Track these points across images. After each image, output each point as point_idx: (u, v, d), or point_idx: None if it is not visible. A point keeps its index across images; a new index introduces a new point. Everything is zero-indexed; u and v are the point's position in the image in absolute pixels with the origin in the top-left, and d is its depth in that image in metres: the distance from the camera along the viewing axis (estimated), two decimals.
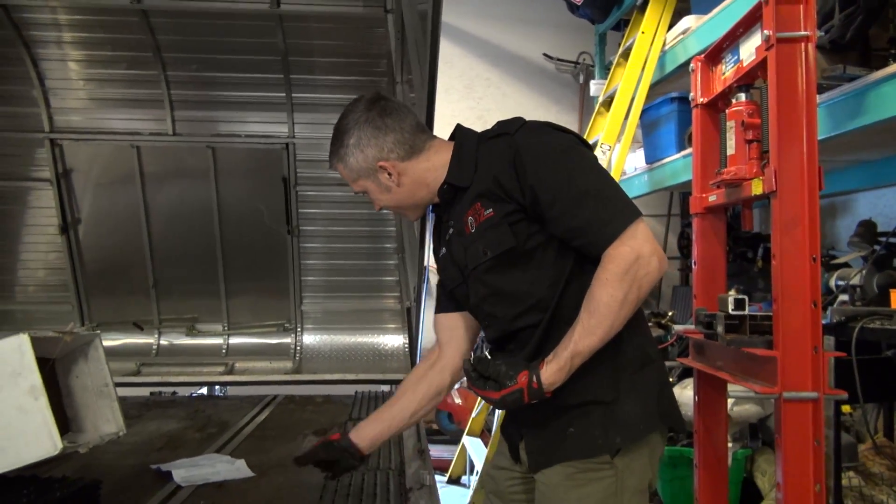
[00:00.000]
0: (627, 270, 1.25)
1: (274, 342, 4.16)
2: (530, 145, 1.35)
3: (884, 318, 2.14)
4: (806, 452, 1.52)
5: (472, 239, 1.42)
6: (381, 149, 1.46)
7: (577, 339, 1.28)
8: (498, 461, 1.64)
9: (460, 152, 1.47)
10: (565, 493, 1.35)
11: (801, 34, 1.55)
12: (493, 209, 1.37)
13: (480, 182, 1.40)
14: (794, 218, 1.58)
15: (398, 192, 1.50)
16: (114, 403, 1.62)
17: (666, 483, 2.71)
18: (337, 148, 1.51)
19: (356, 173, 1.50)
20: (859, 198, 4.15)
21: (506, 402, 1.30)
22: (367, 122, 1.46)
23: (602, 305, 1.27)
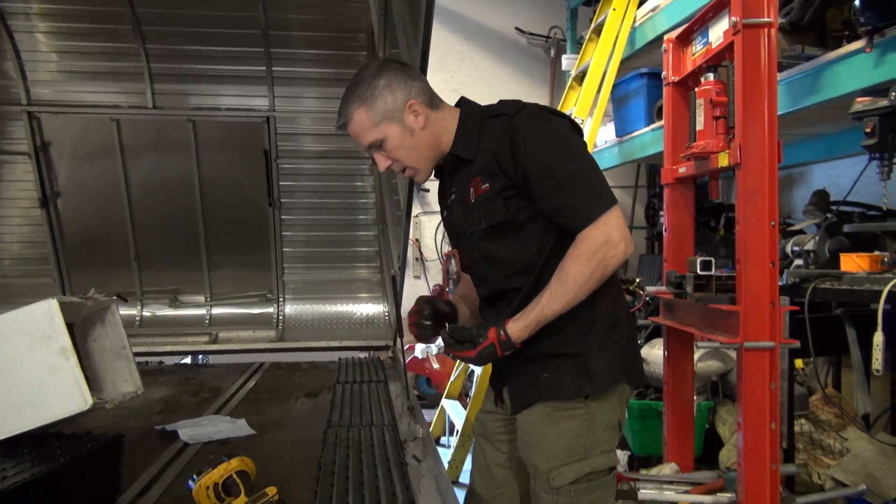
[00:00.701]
0: (596, 251, 1.42)
1: (256, 312, 4.24)
2: (526, 128, 1.48)
3: (834, 279, 2.33)
4: (763, 395, 1.72)
5: (471, 207, 1.55)
6: (410, 91, 1.54)
7: (545, 303, 1.46)
8: (485, 406, 1.83)
9: (465, 124, 1.58)
10: (545, 429, 1.54)
11: (765, 20, 1.70)
12: (490, 184, 1.51)
13: (482, 157, 1.53)
14: (756, 188, 1.76)
15: (421, 136, 1.56)
16: (131, 364, 1.72)
17: (636, 433, 2.92)
18: (362, 91, 1.54)
19: (381, 115, 1.54)
20: (815, 169, 4.38)
21: (482, 357, 1.49)
22: (393, 69, 1.55)
23: (570, 278, 1.44)
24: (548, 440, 1.53)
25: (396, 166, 1.61)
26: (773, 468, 1.75)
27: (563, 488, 1.51)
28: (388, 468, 1.78)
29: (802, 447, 2.62)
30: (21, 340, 1.43)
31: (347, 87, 1.58)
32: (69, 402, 1.45)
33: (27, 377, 1.44)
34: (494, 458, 1.77)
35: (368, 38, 3.69)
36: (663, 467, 2.20)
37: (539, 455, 1.54)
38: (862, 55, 2.30)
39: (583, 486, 1.51)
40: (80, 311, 1.57)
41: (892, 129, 2.10)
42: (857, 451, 2.55)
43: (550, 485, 1.52)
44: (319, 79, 3.90)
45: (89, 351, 1.69)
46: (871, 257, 2.27)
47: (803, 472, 2.56)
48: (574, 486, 1.50)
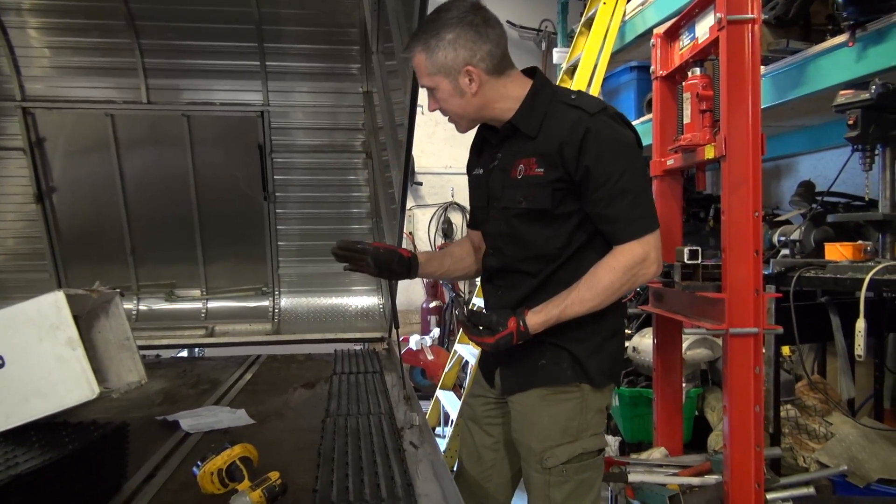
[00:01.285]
0: (632, 266, 1.48)
1: (252, 305, 4.27)
2: (600, 130, 1.49)
3: (818, 268, 2.39)
4: (748, 379, 1.78)
5: (514, 184, 1.57)
6: (474, 54, 1.52)
7: (569, 303, 1.50)
8: (474, 390, 1.89)
9: (534, 100, 1.57)
10: (539, 411, 1.60)
11: (749, 17, 1.75)
12: (545, 171, 1.52)
13: (544, 141, 1.53)
14: (740, 179, 1.81)
15: (471, 101, 1.57)
16: (135, 355, 1.77)
17: (627, 420, 2.99)
18: (428, 37, 1.52)
19: (437, 68, 1.53)
20: (801, 160, 4.45)
21: (499, 345, 1.53)
22: (470, 25, 1.51)
23: (601, 286, 1.49)
24: (542, 421, 1.59)
25: (442, 112, 1.63)
26: (758, 450, 1.82)
27: (555, 468, 1.57)
28: (387, 454, 1.83)
29: (788, 432, 2.69)
30: (29, 332, 1.47)
31: (427, 19, 1.57)
32: (76, 392, 1.49)
33: (35, 367, 1.48)
34: (483, 441, 1.82)
35: (361, 33, 3.72)
36: (653, 451, 2.26)
37: (533, 436, 1.60)
38: (845, 49, 2.36)
39: (574, 465, 1.57)
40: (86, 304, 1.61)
41: (873, 121, 2.15)
42: (841, 436, 2.63)
43: (543, 465, 1.57)
44: (313, 73, 3.92)
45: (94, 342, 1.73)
46: (855, 246, 2.33)
47: (789, 455, 2.63)
48: (566, 466, 1.57)
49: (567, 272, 1.56)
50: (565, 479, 1.57)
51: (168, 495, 1.58)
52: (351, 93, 3.98)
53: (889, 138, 2.17)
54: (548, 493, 1.59)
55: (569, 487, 1.58)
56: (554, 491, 1.59)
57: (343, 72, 3.92)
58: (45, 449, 1.42)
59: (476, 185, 1.73)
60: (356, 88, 3.96)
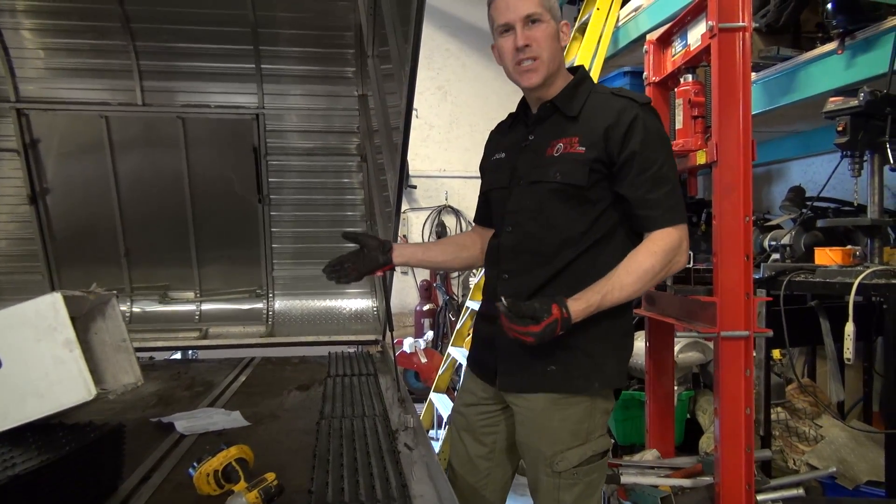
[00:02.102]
0: (672, 250, 1.50)
1: (246, 308, 4.28)
2: (648, 120, 1.54)
3: (808, 272, 2.43)
4: (739, 381, 1.80)
5: (550, 161, 1.59)
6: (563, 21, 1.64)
7: (610, 289, 1.49)
8: (466, 399, 1.85)
9: (577, 87, 1.64)
10: (550, 415, 1.60)
11: (740, 25, 1.78)
12: (587, 149, 1.54)
13: (588, 124, 1.57)
14: (731, 184, 1.84)
15: (559, 53, 1.63)
16: (131, 356, 1.77)
17: (619, 423, 3.01)
18: None
19: (549, 7, 1.61)
20: (792, 165, 4.49)
21: (545, 334, 1.47)
22: None
23: (642, 270, 1.49)
24: (552, 425, 1.59)
25: (529, 51, 1.60)
26: (748, 451, 1.84)
27: (566, 472, 1.57)
28: (381, 456, 1.84)
29: (779, 434, 2.72)
30: (26, 333, 1.47)
31: None
32: (74, 392, 1.50)
33: (33, 368, 1.49)
34: (477, 451, 1.81)
35: (357, 36, 3.74)
36: (645, 453, 2.28)
37: (543, 440, 1.60)
38: (834, 57, 2.40)
39: (584, 468, 1.58)
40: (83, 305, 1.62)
41: (862, 127, 2.19)
42: (830, 438, 2.66)
43: (554, 469, 1.57)
44: (308, 76, 3.94)
45: (90, 344, 1.73)
46: (844, 251, 2.36)
47: (779, 457, 2.66)
48: (577, 469, 1.57)
49: (583, 264, 1.55)
50: (575, 481, 1.58)
51: (164, 496, 1.58)
52: (345, 96, 4.00)
53: (877, 145, 2.21)
54: (557, 496, 1.59)
55: (578, 490, 1.59)
56: (564, 494, 1.59)
57: (338, 75, 3.94)
58: (41, 450, 1.43)
59: (497, 167, 1.73)
60: (351, 92, 3.98)
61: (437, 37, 6.11)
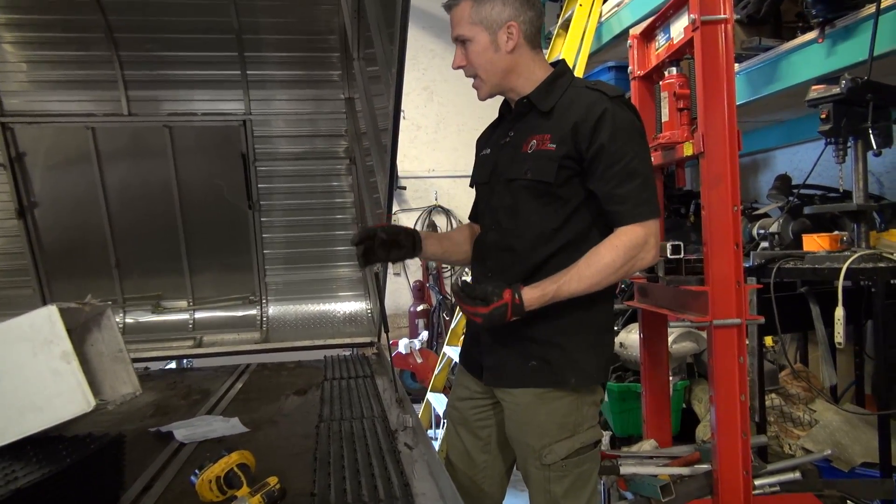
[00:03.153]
0: (634, 247, 1.49)
1: (240, 314, 4.27)
2: (618, 113, 1.52)
3: (797, 259, 2.45)
4: (732, 369, 1.83)
5: (524, 157, 1.59)
6: (519, 14, 1.56)
7: (567, 279, 1.50)
8: (460, 393, 1.88)
9: (554, 83, 1.61)
10: (536, 409, 1.62)
11: (721, 17, 1.80)
12: (557, 146, 1.54)
13: (560, 119, 1.56)
14: (718, 174, 1.86)
15: (503, 58, 1.58)
16: (128, 367, 1.77)
17: (616, 415, 3.03)
18: None
19: (480, 19, 1.55)
20: (778, 154, 4.53)
21: (493, 316, 1.50)
22: None
23: (602, 264, 1.49)
24: (539, 418, 1.61)
25: (468, 71, 1.62)
26: (745, 438, 1.86)
27: (555, 464, 1.59)
28: (382, 456, 1.85)
29: (774, 420, 2.74)
30: (23, 346, 1.47)
31: None
32: (72, 405, 1.50)
33: (30, 382, 1.49)
34: (473, 444, 1.84)
35: (341, 40, 3.75)
36: (643, 444, 2.30)
37: (531, 433, 1.62)
38: (815, 45, 2.43)
39: (573, 460, 1.60)
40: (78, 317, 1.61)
41: (844, 114, 2.21)
42: (825, 422, 2.69)
43: (542, 461, 1.59)
44: (294, 81, 3.95)
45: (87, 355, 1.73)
46: (831, 237, 2.39)
47: (775, 443, 2.69)
48: (565, 462, 1.59)
49: (559, 262, 1.56)
50: (564, 473, 1.60)
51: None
52: (332, 99, 4.00)
53: (860, 131, 2.24)
54: (548, 487, 1.61)
55: (568, 481, 1.61)
56: (554, 486, 1.61)
57: (324, 79, 3.95)
58: (42, 463, 1.43)
59: (482, 164, 1.75)
60: (337, 95, 3.98)
61: (421, 37, 6.12)
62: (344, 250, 4.37)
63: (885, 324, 2.15)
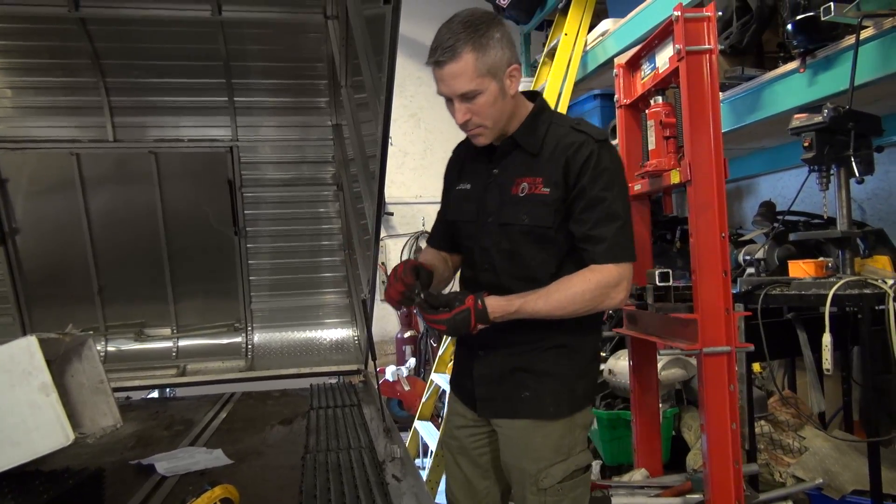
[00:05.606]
0: (605, 286, 1.51)
1: (225, 342, 4.21)
2: (604, 157, 1.53)
3: (783, 285, 2.46)
4: (723, 396, 1.82)
5: (516, 200, 1.58)
6: (514, 54, 1.54)
7: (534, 297, 1.51)
8: (456, 422, 1.87)
9: (536, 121, 1.60)
10: (531, 434, 1.62)
11: (706, 48, 1.83)
12: (551, 190, 1.54)
13: (550, 161, 1.55)
14: (706, 202, 1.87)
15: (509, 103, 1.55)
16: (109, 398, 1.73)
17: (606, 443, 3.00)
18: (478, 37, 1.47)
19: (488, 67, 1.48)
20: (761, 181, 4.59)
21: (455, 322, 1.49)
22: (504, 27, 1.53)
23: (570, 293, 1.51)
24: (534, 443, 1.61)
25: (472, 123, 1.56)
26: (737, 466, 1.85)
27: (551, 488, 1.58)
28: (370, 489, 1.81)
29: (763, 447, 2.73)
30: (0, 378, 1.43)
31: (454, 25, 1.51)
32: (51, 438, 1.46)
33: (7, 415, 1.44)
34: (473, 471, 1.82)
35: (329, 67, 3.77)
36: (634, 473, 2.28)
37: (527, 458, 1.61)
38: (797, 75, 2.47)
39: (569, 483, 1.60)
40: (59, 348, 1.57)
41: (827, 142, 2.25)
42: (814, 449, 2.68)
43: (539, 486, 1.59)
44: (281, 108, 3.95)
45: (67, 387, 1.69)
46: (817, 263, 2.41)
47: (766, 471, 2.67)
48: (561, 485, 1.59)
49: None
50: (560, 498, 1.59)
51: None
52: (319, 126, 4.01)
53: (842, 159, 2.27)
54: None
55: None
56: None
57: (311, 105, 3.96)
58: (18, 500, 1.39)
59: (464, 198, 1.71)
60: (325, 122, 3.99)
61: (408, 65, 6.17)
62: (331, 276, 4.34)
63: (872, 350, 2.16)
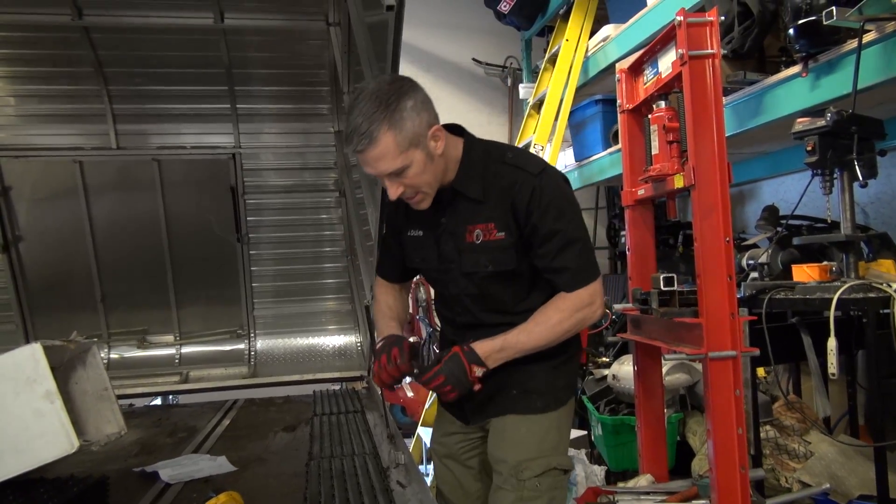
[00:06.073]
0: (580, 309, 1.56)
1: (227, 349, 4.21)
2: (546, 189, 1.52)
3: (787, 289, 2.45)
4: (729, 401, 1.81)
5: (474, 248, 1.58)
6: (431, 113, 1.47)
7: (515, 333, 1.57)
8: (446, 428, 1.89)
9: (469, 163, 1.56)
10: (518, 426, 1.65)
11: (709, 52, 1.83)
12: (505, 234, 1.55)
13: (496, 207, 1.55)
14: (710, 206, 1.87)
15: (439, 163, 1.50)
16: (114, 405, 1.72)
17: (611, 449, 2.99)
18: (391, 113, 1.40)
19: (409, 140, 1.43)
20: (763, 185, 4.59)
21: (450, 368, 1.54)
22: (416, 88, 1.46)
23: (549, 324, 1.56)
24: (519, 435, 1.64)
25: (408, 193, 1.52)
26: (743, 471, 1.84)
27: (530, 480, 1.59)
28: (374, 496, 1.80)
29: (769, 452, 2.72)
30: (5, 386, 1.43)
31: (364, 105, 1.42)
32: (56, 446, 1.45)
33: (11, 423, 1.44)
34: (463, 473, 1.84)
35: (331, 73, 3.78)
36: (639, 479, 2.27)
37: (510, 448, 1.63)
38: (799, 79, 2.47)
39: (548, 480, 1.60)
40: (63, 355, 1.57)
41: (830, 146, 2.25)
42: (820, 454, 2.66)
43: (518, 477, 1.59)
44: (284, 114, 3.97)
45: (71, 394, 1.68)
46: (821, 267, 2.40)
47: (771, 476, 2.66)
48: (540, 479, 1.59)
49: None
50: (538, 493, 1.59)
51: None
52: (321, 132, 4.02)
53: (846, 163, 2.27)
54: None
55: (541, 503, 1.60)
56: None
57: (313, 112, 3.97)
58: None
59: (419, 245, 1.69)
60: (327, 128, 4.00)
61: (409, 71, 6.18)
62: (334, 283, 4.34)
63: (878, 354, 2.15)
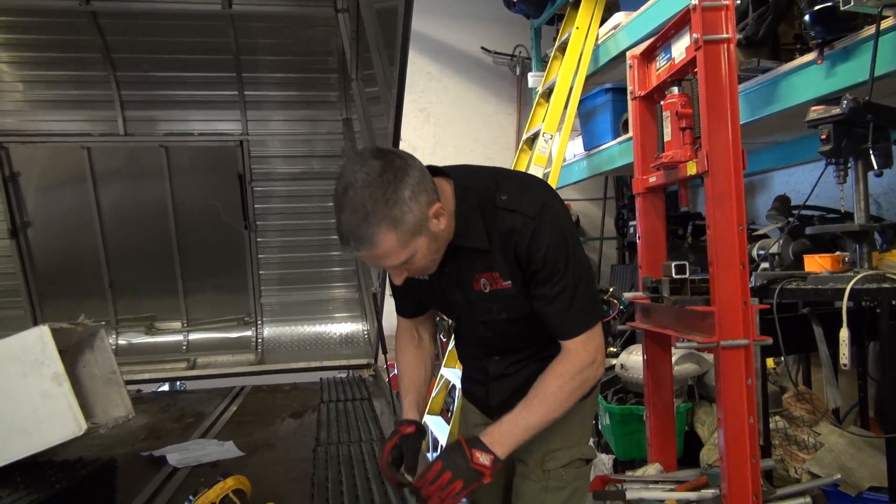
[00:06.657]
0: (581, 371, 1.47)
1: (235, 336, 4.23)
2: (544, 232, 1.43)
3: (799, 279, 2.43)
4: (740, 390, 1.79)
5: (483, 297, 1.53)
6: (430, 190, 1.36)
7: (518, 412, 1.47)
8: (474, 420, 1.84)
9: (465, 213, 1.46)
10: None
11: (724, 37, 1.80)
12: (512, 282, 1.48)
13: (499, 255, 1.47)
14: (723, 193, 1.85)
15: (443, 239, 1.42)
16: (122, 389, 1.72)
17: (619, 438, 2.98)
18: (389, 209, 1.28)
19: (411, 232, 1.32)
20: (775, 176, 4.55)
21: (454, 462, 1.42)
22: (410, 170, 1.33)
23: (550, 393, 1.47)
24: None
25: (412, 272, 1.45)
26: (754, 461, 1.82)
27: (554, 471, 1.57)
28: (381, 481, 1.81)
29: (778, 443, 2.70)
30: (13, 368, 1.43)
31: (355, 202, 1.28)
32: (63, 428, 1.45)
33: (20, 405, 1.44)
34: None
35: (339, 61, 3.76)
36: (648, 468, 2.26)
37: (535, 440, 1.60)
38: (814, 67, 2.43)
39: (573, 471, 1.59)
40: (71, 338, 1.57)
41: (845, 135, 2.21)
42: (830, 445, 2.64)
43: (543, 468, 1.58)
44: (292, 101, 3.95)
45: (79, 377, 1.68)
46: (833, 258, 2.37)
47: (780, 467, 2.64)
48: (565, 470, 1.58)
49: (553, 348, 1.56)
50: (563, 484, 1.58)
51: None
52: (329, 120, 4.01)
53: (861, 151, 2.23)
54: (543, 499, 1.59)
55: (564, 495, 1.59)
56: (550, 497, 1.58)
57: (321, 99, 3.95)
58: (31, 489, 1.38)
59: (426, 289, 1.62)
60: (335, 116, 3.99)
61: (418, 60, 6.14)
62: (341, 270, 4.34)
63: (890, 345, 2.12)
